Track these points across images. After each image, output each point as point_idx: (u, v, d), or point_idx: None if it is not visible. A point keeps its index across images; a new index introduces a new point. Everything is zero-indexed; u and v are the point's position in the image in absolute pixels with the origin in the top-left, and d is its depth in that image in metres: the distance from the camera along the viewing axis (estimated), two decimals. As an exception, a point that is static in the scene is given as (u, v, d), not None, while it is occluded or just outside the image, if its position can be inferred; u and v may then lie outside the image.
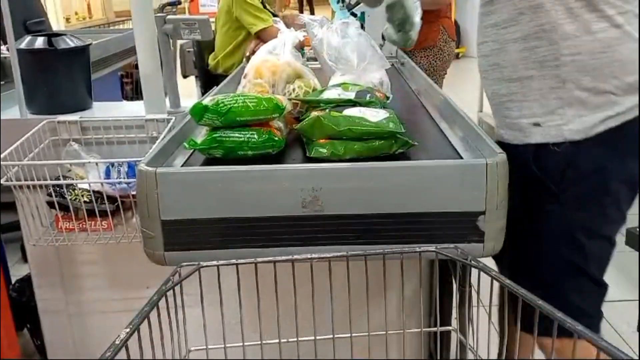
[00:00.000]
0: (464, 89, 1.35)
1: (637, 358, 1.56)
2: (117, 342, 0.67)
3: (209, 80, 3.23)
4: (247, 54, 2.61)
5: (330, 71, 1.44)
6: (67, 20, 7.94)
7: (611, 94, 1.08)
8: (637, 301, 2.17)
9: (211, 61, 3.12)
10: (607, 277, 1.22)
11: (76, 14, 8.30)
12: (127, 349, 0.68)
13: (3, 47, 2.11)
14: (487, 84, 1.26)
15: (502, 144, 1.14)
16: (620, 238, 2.53)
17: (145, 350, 0.74)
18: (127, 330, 0.69)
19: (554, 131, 1.12)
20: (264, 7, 2.88)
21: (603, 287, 1.22)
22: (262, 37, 2.80)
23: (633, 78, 1.09)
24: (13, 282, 1.91)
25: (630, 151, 1.12)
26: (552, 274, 1.18)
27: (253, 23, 2.81)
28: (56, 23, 6.95)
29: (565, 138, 1.11)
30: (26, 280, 1.76)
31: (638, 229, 2.16)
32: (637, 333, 2.03)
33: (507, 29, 1.14)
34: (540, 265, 1.02)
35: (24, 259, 2.01)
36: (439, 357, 1.22)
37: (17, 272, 2.21)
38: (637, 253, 2.20)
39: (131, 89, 3.28)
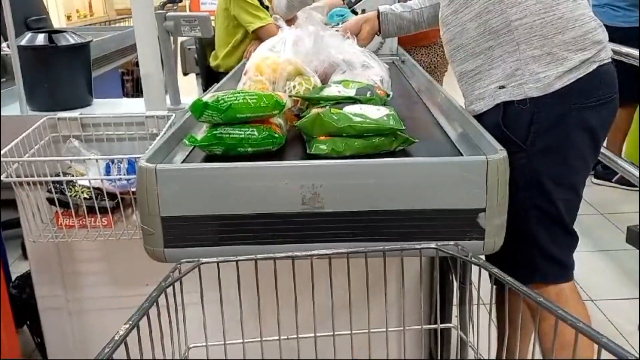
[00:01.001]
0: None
1: (639, 357, 1.55)
2: (116, 338, 0.67)
3: (210, 77, 3.22)
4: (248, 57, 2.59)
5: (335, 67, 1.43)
6: (69, 17, 7.94)
7: (560, 49, 1.22)
8: (637, 300, 2.17)
9: (212, 61, 3.11)
10: (607, 276, 1.23)
11: (77, 11, 8.30)
12: (126, 345, 0.68)
13: (4, 44, 2.11)
14: (455, 66, 1.39)
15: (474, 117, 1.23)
16: (620, 236, 2.54)
17: (145, 346, 0.73)
18: (127, 326, 0.69)
19: (517, 90, 1.24)
20: (262, 4, 2.87)
21: (574, 237, 1.34)
22: (260, 35, 2.79)
23: (575, 33, 1.22)
24: (13, 279, 1.91)
25: (586, 103, 1.24)
26: (526, 223, 1.27)
27: (250, 21, 2.79)
28: (57, 21, 6.94)
29: (526, 95, 1.23)
30: (26, 277, 1.76)
31: (638, 227, 2.16)
32: (638, 331, 2.03)
33: (463, 11, 1.30)
34: (514, 215, 1.08)
35: (24, 256, 2.01)
36: (439, 355, 1.22)
37: (17, 269, 2.21)
38: (637, 251, 2.20)
39: (132, 86, 3.28)
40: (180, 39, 3.74)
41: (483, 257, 1.00)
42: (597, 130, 1.27)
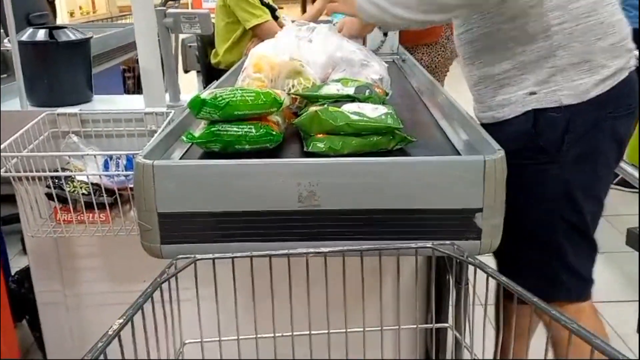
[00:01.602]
0: (466, 88, 1.35)
1: (636, 359, 1.55)
2: (110, 333, 0.67)
3: (211, 75, 3.22)
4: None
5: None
6: (71, 14, 7.95)
7: (598, 57, 1.17)
8: (637, 302, 2.16)
9: (213, 58, 3.11)
10: (607, 278, 1.23)
11: (80, 8, 8.31)
12: (120, 341, 0.68)
13: (5, 40, 2.11)
14: (474, 68, 1.32)
15: (491, 125, 1.20)
16: (620, 238, 2.53)
17: (140, 342, 0.73)
18: (121, 321, 0.69)
19: (550, 97, 1.19)
20: (262, 2, 2.86)
21: (595, 249, 1.31)
22: (256, 33, 2.79)
23: (614, 39, 1.18)
24: (13, 273, 1.91)
25: (618, 111, 1.21)
26: (552, 236, 1.23)
27: (247, 19, 2.78)
28: (60, 17, 6.94)
29: (561, 103, 1.18)
30: (25, 272, 1.77)
31: (638, 229, 2.16)
32: (637, 334, 2.02)
33: (495, 12, 1.21)
34: (540, 228, 1.06)
35: (24, 251, 2.01)
36: (434, 355, 1.22)
37: (17, 264, 2.22)
38: (637, 253, 2.20)
39: (133, 83, 3.29)
40: (181, 36, 3.74)
41: (483, 257, 1.00)
42: (624, 139, 1.25)
